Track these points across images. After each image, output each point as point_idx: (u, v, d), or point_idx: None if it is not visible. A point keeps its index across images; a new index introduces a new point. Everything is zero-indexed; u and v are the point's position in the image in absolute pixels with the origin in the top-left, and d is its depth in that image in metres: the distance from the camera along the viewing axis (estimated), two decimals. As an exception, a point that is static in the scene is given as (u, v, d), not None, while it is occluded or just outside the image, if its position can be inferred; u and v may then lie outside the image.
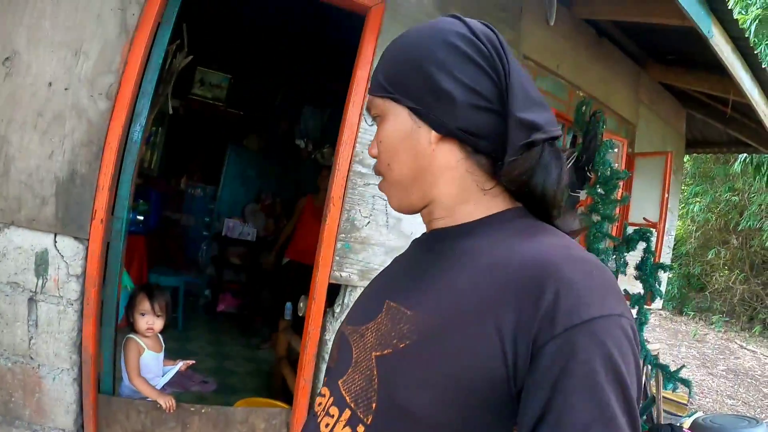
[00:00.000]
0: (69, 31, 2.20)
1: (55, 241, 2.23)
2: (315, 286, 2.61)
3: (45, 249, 2.22)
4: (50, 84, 2.21)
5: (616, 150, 3.61)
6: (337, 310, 2.71)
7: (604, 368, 0.54)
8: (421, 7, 2.77)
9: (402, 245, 2.08)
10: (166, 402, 2.39)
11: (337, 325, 2.68)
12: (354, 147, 2.66)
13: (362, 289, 2.24)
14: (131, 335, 2.48)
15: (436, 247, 0.76)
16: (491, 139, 0.71)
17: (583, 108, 3.42)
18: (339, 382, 0.74)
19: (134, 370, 2.42)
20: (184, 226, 6.14)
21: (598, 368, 0.53)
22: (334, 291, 2.72)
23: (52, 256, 2.23)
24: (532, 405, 0.55)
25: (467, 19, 0.75)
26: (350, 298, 2.72)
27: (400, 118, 0.75)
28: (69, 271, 2.24)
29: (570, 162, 3.35)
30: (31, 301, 2.20)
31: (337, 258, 2.64)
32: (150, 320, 2.47)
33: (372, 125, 2.63)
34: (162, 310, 2.51)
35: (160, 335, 2.61)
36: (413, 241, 0.87)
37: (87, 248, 2.26)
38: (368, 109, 0.81)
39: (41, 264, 2.21)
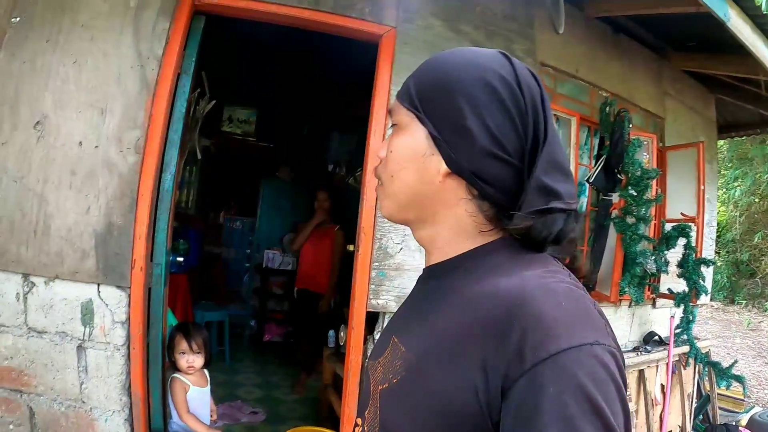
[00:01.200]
0: (93, 91, 2.27)
1: (99, 291, 2.29)
2: (353, 316, 2.59)
3: (89, 299, 2.27)
4: (80, 143, 2.28)
5: (645, 148, 3.50)
6: (378, 337, 2.69)
7: (576, 401, 0.51)
8: (432, 30, 2.74)
9: None
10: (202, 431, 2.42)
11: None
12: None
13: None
14: (175, 374, 2.51)
15: (429, 284, 0.77)
16: (502, 189, 0.69)
17: (607, 108, 3.33)
18: (365, 414, 0.76)
19: (183, 408, 2.44)
20: (225, 260, 6.24)
21: (569, 401, 0.51)
22: (374, 318, 2.70)
23: (97, 305, 2.28)
24: None
25: (516, 63, 0.71)
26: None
27: (417, 136, 0.72)
28: (114, 318, 2.29)
29: (599, 165, 3.26)
30: (80, 348, 2.26)
31: (373, 286, 2.61)
32: (189, 359, 2.50)
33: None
34: (200, 347, 2.53)
35: (205, 369, 2.64)
36: (419, 276, 0.85)
37: (129, 295, 2.30)
38: (390, 112, 0.78)
39: (87, 313, 2.27)
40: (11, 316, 2.22)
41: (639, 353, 3.39)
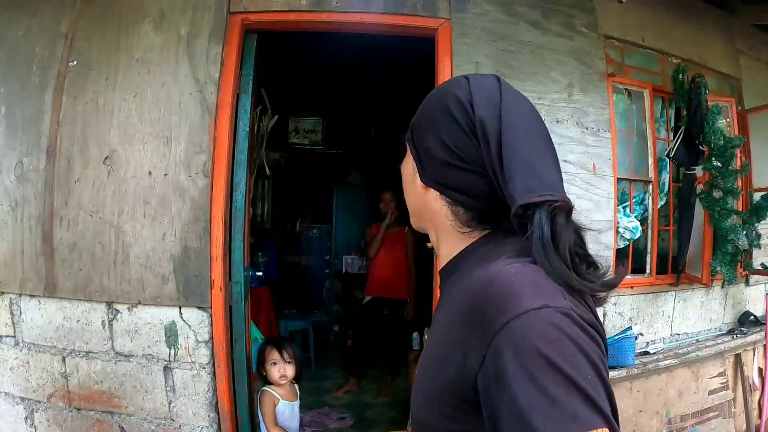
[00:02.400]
0: (156, 122, 2.28)
1: (181, 313, 2.31)
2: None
3: (172, 321, 2.30)
4: (150, 172, 2.31)
5: (725, 113, 3.18)
6: None
7: (532, 360, 0.54)
8: (487, 16, 2.55)
9: None
10: None
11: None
12: None
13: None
14: (265, 388, 2.51)
15: (443, 286, 0.84)
16: (474, 195, 0.75)
17: (680, 76, 3.02)
18: None
19: (270, 420, 2.44)
20: (305, 267, 6.29)
21: (526, 362, 0.54)
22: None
23: (180, 327, 2.31)
24: (485, 414, 0.58)
25: (474, 82, 0.77)
26: None
27: (410, 160, 0.85)
28: (197, 338, 2.31)
29: (679, 138, 2.98)
30: (166, 369, 2.29)
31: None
32: (281, 368, 2.49)
33: None
34: (291, 357, 2.53)
35: (296, 385, 2.63)
36: None
37: (211, 315, 2.31)
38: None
39: (171, 335, 2.30)
40: (98, 343, 2.29)
41: (734, 336, 3.07)
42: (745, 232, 2.83)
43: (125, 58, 2.28)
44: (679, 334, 3.06)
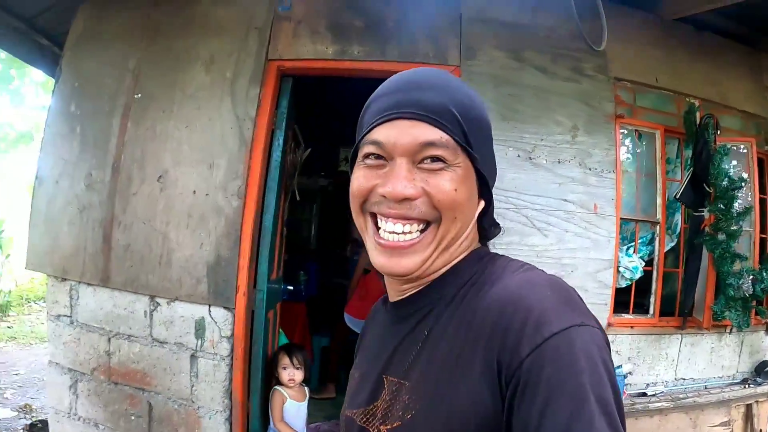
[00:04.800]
0: (202, 150, 2.66)
1: (210, 311, 2.63)
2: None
3: (202, 317, 2.63)
4: (194, 192, 2.67)
5: (743, 154, 3.10)
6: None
7: (571, 375, 0.55)
8: (495, 62, 2.72)
9: None
10: None
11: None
12: None
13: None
14: (276, 387, 2.77)
15: (403, 316, 0.78)
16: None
17: (691, 116, 3.00)
18: None
19: (277, 415, 2.69)
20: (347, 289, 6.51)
21: (566, 377, 0.55)
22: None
23: (208, 322, 2.62)
24: (516, 422, 0.57)
25: None
26: None
27: (473, 178, 0.73)
28: (221, 334, 2.61)
29: (686, 179, 2.96)
30: (193, 357, 2.61)
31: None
32: (291, 372, 2.74)
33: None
34: (300, 363, 2.77)
35: (306, 388, 2.86)
36: (383, 308, 0.86)
37: (234, 315, 2.61)
38: (429, 144, 0.68)
39: (200, 329, 2.62)
40: (140, 329, 2.65)
41: (746, 385, 2.96)
42: (753, 277, 2.75)
43: (180, 94, 2.68)
44: (684, 379, 3.00)
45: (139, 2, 2.90)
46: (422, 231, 0.71)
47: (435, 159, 0.69)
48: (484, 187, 0.74)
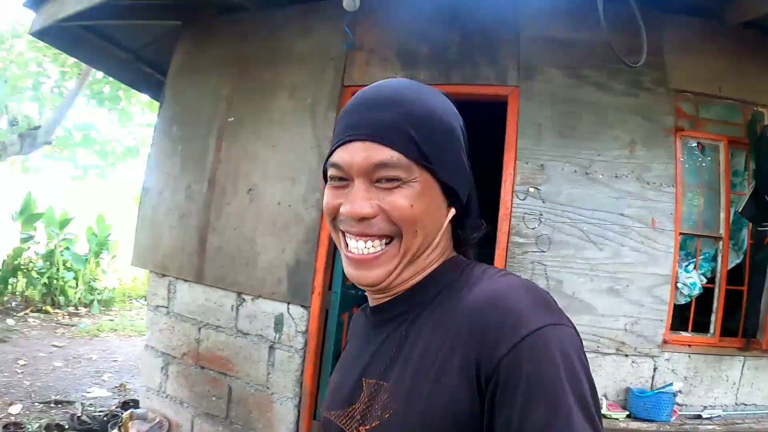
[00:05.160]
0: (286, 167, 3.00)
1: (288, 308, 2.95)
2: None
3: (281, 313, 2.95)
4: (278, 203, 3.01)
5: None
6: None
7: (550, 371, 0.58)
8: (553, 81, 2.81)
9: (564, 304, 2.18)
10: None
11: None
12: (510, 222, 2.75)
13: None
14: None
15: (384, 320, 0.80)
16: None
17: (756, 125, 2.88)
18: None
19: None
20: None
21: (544, 373, 0.58)
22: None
23: (286, 318, 2.94)
24: (498, 421, 0.59)
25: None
26: None
27: (433, 190, 0.73)
28: (297, 329, 2.92)
29: (749, 193, 2.89)
30: (271, 348, 2.94)
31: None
32: None
33: (524, 199, 2.76)
34: None
35: None
36: (363, 314, 0.88)
37: (309, 313, 2.91)
38: (381, 165, 0.70)
39: (278, 323, 2.94)
40: (226, 321, 3.02)
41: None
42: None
43: (267, 118, 3.05)
44: (746, 405, 2.89)
45: (231, 37, 3.32)
46: (387, 244, 0.73)
47: (389, 179, 0.70)
48: (453, 196, 0.75)
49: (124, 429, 3.13)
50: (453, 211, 0.76)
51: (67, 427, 3.50)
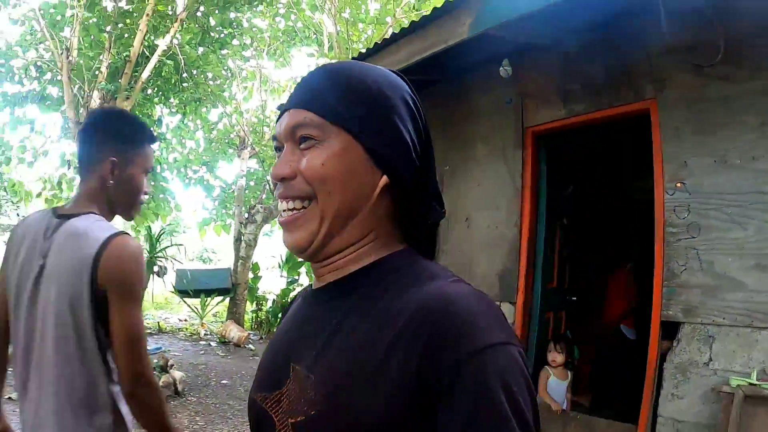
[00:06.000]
0: (490, 198, 5.26)
1: (500, 305, 4.86)
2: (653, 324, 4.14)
3: None
4: (487, 226, 5.18)
5: None
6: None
7: (496, 388, 0.74)
8: (684, 84, 4.02)
9: (716, 283, 3.71)
10: (556, 407, 4.50)
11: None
12: (663, 214, 4.19)
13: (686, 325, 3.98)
14: (546, 366, 4.78)
15: (324, 304, 0.98)
16: (415, 198, 1.00)
17: None
18: None
19: (542, 388, 4.88)
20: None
21: (491, 389, 0.74)
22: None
23: None
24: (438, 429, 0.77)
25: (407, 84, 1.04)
26: (681, 333, 4.02)
27: (353, 152, 0.92)
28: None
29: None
30: None
31: (664, 300, 4.10)
32: (553, 355, 4.81)
33: (672, 194, 4.05)
34: (561, 350, 4.74)
35: (569, 371, 4.77)
36: (304, 294, 1.14)
37: (515, 309, 4.83)
38: (297, 126, 0.94)
39: None
40: None
41: None
42: None
43: (471, 162, 5.39)
44: None
45: (435, 101, 5.87)
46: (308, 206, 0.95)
47: (305, 138, 0.94)
48: (386, 164, 0.94)
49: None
50: (385, 178, 0.94)
51: None
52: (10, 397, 3.01)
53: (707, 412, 3.61)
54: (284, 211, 0.97)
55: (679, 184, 4.14)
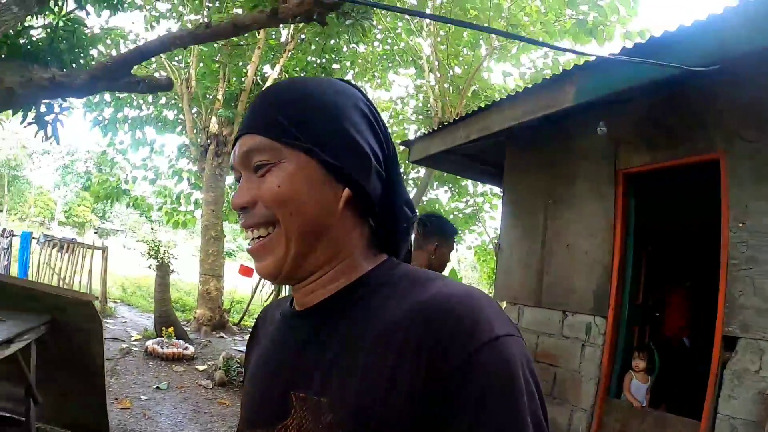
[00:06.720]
0: (587, 228, 6.66)
1: (594, 319, 6.32)
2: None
3: (589, 322, 6.36)
4: (586, 252, 6.59)
5: None
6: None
7: (507, 379, 0.81)
8: (748, 137, 5.38)
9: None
10: (636, 405, 5.79)
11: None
12: (728, 249, 5.38)
13: (742, 339, 5.52)
14: (630, 371, 6.06)
15: (319, 324, 1.01)
16: (380, 207, 1.05)
17: None
18: None
19: (625, 386, 6.14)
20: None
21: (497, 389, 0.81)
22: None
23: (592, 326, 6.38)
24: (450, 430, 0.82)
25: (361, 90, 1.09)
26: (738, 346, 5.25)
27: (309, 167, 0.97)
28: (599, 332, 6.23)
29: None
30: (583, 346, 6.27)
31: (725, 319, 5.33)
32: (636, 361, 6.08)
33: (735, 232, 5.29)
34: (643, 358, 6.03)
35: (650, 376, 6.05)
36: (283, 317, 1.16)
37: (607, 322, 6.17)
38: (249, 152, 0.99)
39: (588, 330, 6.34)
40: (555, 330, 6.52)
41: None
42: None
43: (573, 197, 6.80)
44: None
45: (539, 144, 7.20)
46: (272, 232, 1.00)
47: (260, 165, 0.99)
48: (346, 176, 0.98)
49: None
50: (347, 191, 0.99)
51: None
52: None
53: (756, 411, 4.44)
54: (251, 240, 1.01)
55: (741, 224, 5.07)
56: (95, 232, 59.62)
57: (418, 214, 1.16)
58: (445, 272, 4.70)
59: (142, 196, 19.94)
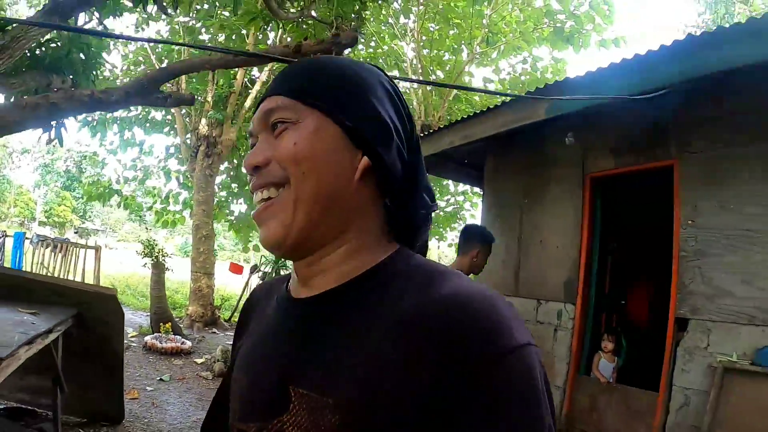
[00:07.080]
0: (558, 226, 7.61)
1: (564, 306, 7.23)
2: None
3: (560, 309, 7.29)
4: (557, 247, 7.52)
5: None
6: (685, 335, 6.11)
7: (526, 390, 0.80)
8: (698, 146, 6.19)
9: (715, 293, 5.53)
10: (603, 381, 6.65)
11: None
12: (679, 243, 6.24)
13: (692, 321, 6.67)
14: (599, 351, 6.90)
15: (322, 313, 0.95)
16: (400, 189, 1.01)
17: None
18: None
19: (594, 365, 6.90)
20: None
21: (516, 399, 0.78)
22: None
23: (563, 312, 7.25)
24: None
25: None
26: (689, 327, 6.12)
27: (329, 131, 0.94)
28: (569, 317, 7.10)
29: None
30: (555, 330, 7.15)
31: (677, 303, 6.20)
32: (605, 343, 6.94)
33: (685, 229, 6.14)
34: (612, 340, 6.85)
35: (617, 357, 6.89)
36: (280, 301, 1.08)
37: (575, 309, 7.01)
38: (270, 112, 0.97)
39: (559, 315, 7.18)
40: (531, 316, 7.37)
41: None
42: None
43: (546, 198, 7.75)
44: None
45: (517, 149, 7.97)
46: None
47: (278, 122, 0.96)
48: (365, 144, 0.95)
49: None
50: (366, 160, 0.95)
51: None
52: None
53: (705, 382, 5.11)
54: (258, 203, 0.98)
55: (690, 222, 5.84)
56: (75, 232, 59.74)
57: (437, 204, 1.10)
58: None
59: (132, 195, 20.47)
